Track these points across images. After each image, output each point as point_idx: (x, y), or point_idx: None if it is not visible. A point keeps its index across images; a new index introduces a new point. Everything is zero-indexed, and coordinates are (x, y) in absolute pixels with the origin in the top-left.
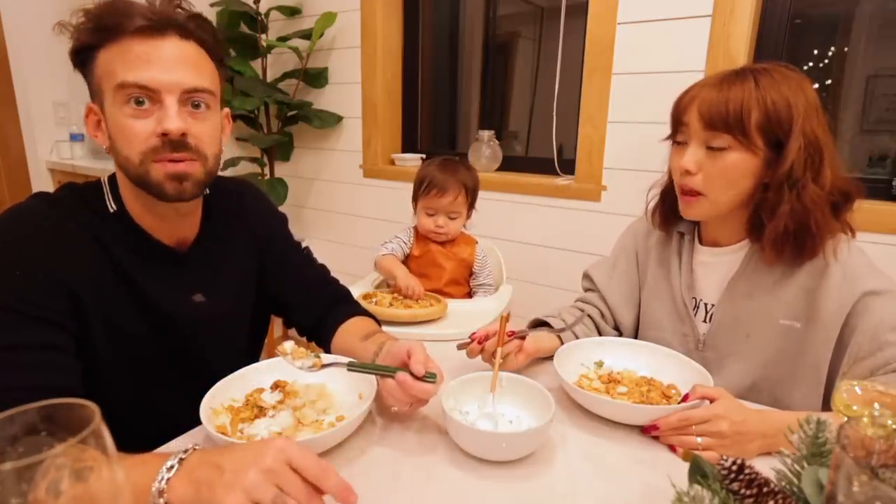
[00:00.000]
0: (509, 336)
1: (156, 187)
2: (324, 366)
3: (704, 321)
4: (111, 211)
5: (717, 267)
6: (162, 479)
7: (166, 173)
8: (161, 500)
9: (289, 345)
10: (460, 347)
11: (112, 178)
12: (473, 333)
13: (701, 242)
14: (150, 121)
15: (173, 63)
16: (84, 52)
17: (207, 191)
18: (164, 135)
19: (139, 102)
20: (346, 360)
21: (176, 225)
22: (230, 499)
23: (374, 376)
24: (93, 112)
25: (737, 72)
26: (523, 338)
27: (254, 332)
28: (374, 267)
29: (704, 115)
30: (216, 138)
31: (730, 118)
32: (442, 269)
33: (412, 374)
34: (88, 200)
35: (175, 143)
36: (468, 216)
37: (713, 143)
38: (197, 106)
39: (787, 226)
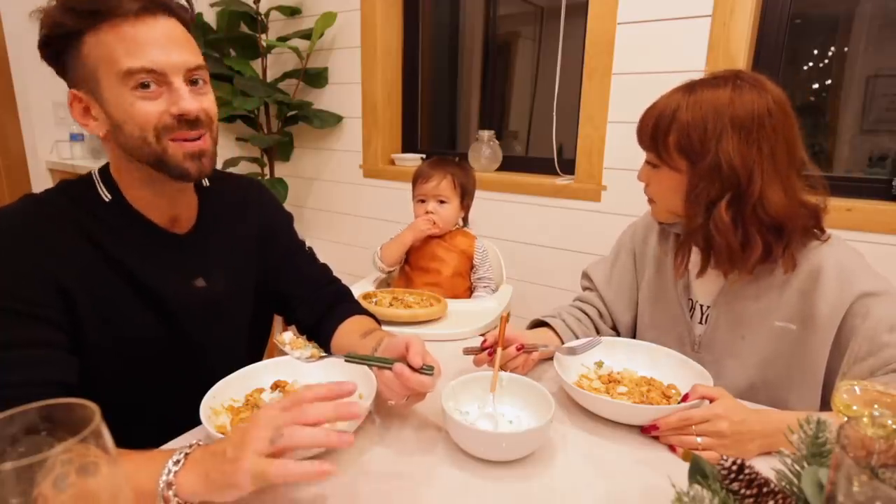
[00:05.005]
0: (518, 350)
1: (176, 168)
2: (321, 357)
3: (700, 322)
4: (106, 200)
5: (708, 271)
6: (169, 472)
7: (185, 153)
8: (170, 492)
9: (287, 335)
10: (467, 352)
11: (103, 169)
12: (484, 342)
13: None
14: (159, 101)
15: (171, 43)
16: (64, 39)
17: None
18: (180, 115)
19: (145, 86)
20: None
21: (175, 202)
22: (241, 469)
23: (373, 376)
24: (78, 100)
25: (683, 86)
26: (530, 352)
27: (255, 329)
28: (380, 262)
29: (638, 132)
30: (216, 110)
31: (653, 137)
32: (442, 261)
33: (410, 367)
34: (78, 194)
35: (191, 122)
36: (463, 209)
37: (649, 160)
38: (195, 82)
39: (699, 243)
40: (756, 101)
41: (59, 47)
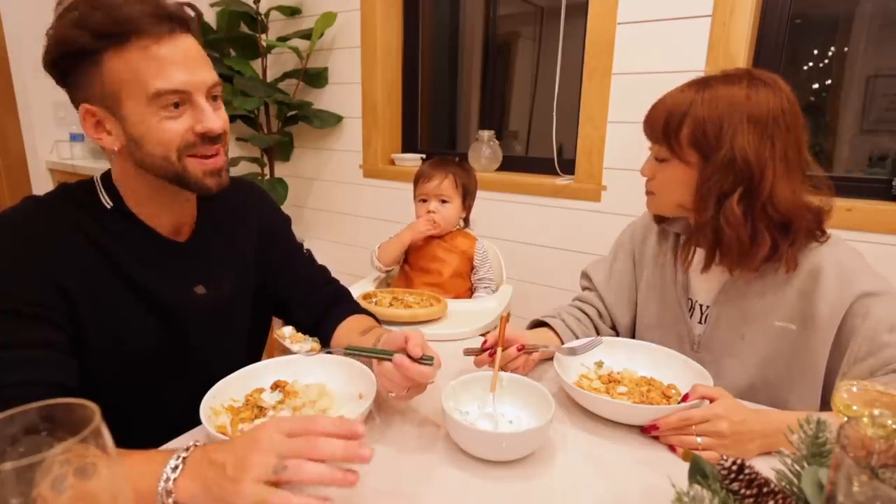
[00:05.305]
0: (519, 351)
1: (195, 184)
2: (321, 350)
3: (700, 322)
4: (107, 207)
5: (711, 268)
6: (168, 479)
7: (205, 170)
8: (170, 500)
9: (288, 329)
10: (467, 353)
11: (105, 175)
12: (484, 342)
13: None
14: (183, 119)
15: (193, 62)
16: (77, 58)
17: None
18: (204, 133)
19: (175, 106)
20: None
21: (179, 212)
22: (242, 492)
23: (373, 376)
24: (91, 114)
25: (695, 82)
26: (531, 353)
27: (254, 333)
28: (377, 261)
29: (648, 126)
30: (229, 124)
31: (664, 131)
32: (442, 261)
33: (409, 357)
34: (80, 199)
35: (213, 138)
36: (464, 210)
37: (656, 154)
38: (214, 99)
39: (707, 237)
40: (772, 99)
41: (70, 65)
